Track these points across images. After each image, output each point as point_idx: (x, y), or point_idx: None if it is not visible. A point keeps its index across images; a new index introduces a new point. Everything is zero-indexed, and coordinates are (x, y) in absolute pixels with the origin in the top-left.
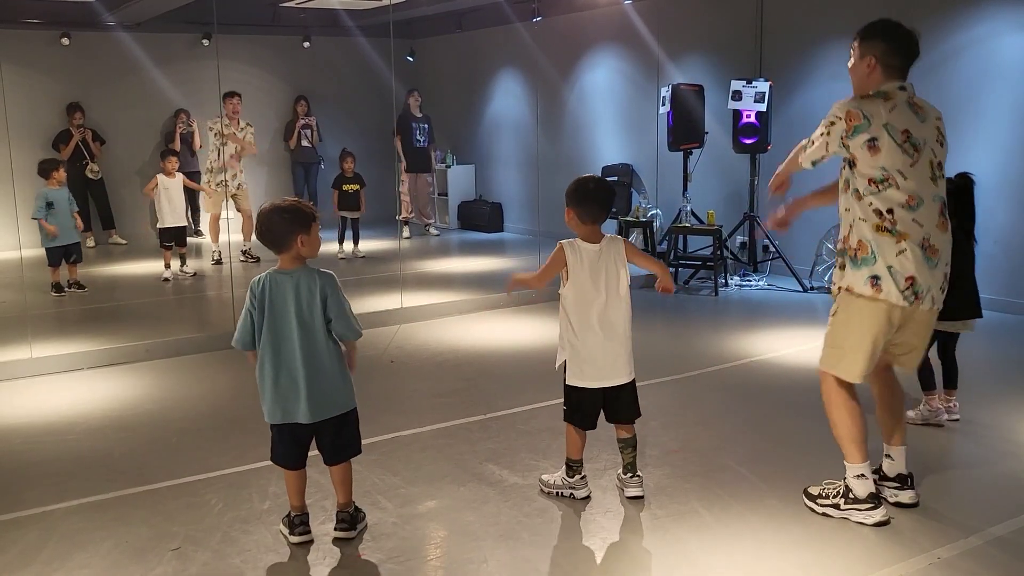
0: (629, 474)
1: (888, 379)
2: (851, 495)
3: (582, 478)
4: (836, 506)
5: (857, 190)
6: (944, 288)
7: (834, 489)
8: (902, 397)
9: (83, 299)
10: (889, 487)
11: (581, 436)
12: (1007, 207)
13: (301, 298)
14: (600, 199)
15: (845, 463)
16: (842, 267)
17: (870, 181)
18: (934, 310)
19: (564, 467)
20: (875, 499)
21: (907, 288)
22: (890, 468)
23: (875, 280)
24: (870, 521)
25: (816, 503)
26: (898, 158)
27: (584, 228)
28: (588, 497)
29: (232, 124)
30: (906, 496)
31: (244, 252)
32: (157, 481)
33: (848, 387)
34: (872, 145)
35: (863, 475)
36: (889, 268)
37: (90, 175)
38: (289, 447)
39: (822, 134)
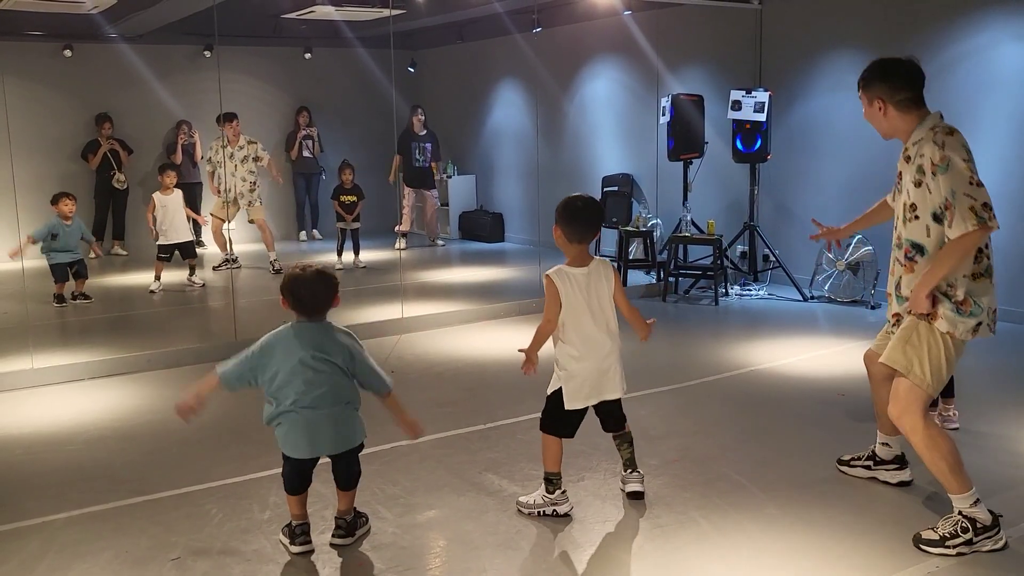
0: (629, 470)
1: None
2: (978, 525)
3: (563, 492)
4: (968, 542)
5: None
6: None
7: (954, 526)
8: None
9: (85, 310)
10: (888, 469)
11: (560, 445)
12: (1006, 217)
13: (335, 346)
14: (590, 218)
15: (954, 496)
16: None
17: (984, 206)
18: None
19: (543, 484)
20: (997, 521)
21: (992, 321)
22: (887, 453)
23: (978, 327)
24: (999, 545)
25: (946, 547)
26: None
27: (572, 248)
28: (570, 513)
29: (232, 145)
30: (906, 474)
31: (272, 263)
32: (157, 491)
33: (932, 418)
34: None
35: (978, 500)
36: (991, 312)
37: (116, 185)
38: (303, 477)
39: (972, 176)
